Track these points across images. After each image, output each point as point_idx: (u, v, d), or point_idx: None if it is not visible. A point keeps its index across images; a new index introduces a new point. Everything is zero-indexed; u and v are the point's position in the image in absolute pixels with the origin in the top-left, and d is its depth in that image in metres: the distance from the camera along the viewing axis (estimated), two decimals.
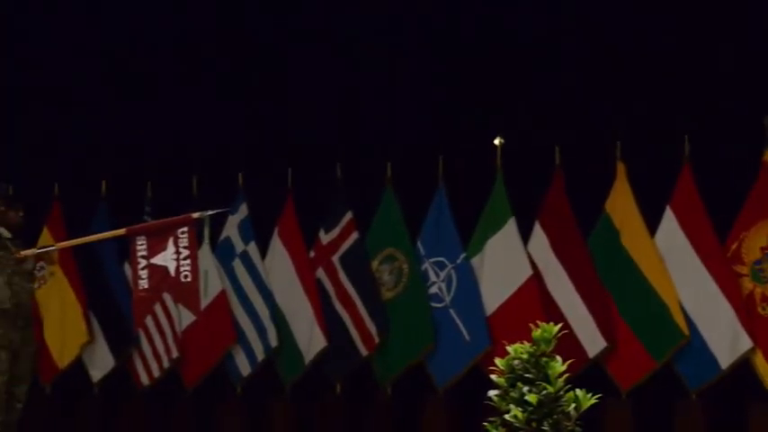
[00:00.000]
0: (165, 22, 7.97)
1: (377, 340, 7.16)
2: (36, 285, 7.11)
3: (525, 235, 6.92)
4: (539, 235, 6.91)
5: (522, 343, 3.33)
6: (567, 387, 3.21)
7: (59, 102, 8.12)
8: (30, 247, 6.46)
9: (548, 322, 3.36)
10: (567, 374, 3.25)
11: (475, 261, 7.02)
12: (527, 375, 3.24)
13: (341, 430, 7.28)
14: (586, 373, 6.35)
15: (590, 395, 3.21)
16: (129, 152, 7.94)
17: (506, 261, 6.90)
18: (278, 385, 7.47)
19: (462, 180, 7.15)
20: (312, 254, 7.50)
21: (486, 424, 3.23)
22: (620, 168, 6.78)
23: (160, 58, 8.07)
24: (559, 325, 3.35)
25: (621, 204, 6.76)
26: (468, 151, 7.18)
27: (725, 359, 6.33)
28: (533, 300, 6.72)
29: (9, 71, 8.16)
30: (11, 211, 6.29)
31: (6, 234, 6.18)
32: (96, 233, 6.89)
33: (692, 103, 6.69)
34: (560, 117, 7.06)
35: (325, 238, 7.48)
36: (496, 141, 7.02)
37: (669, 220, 6.61)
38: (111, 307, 7.73)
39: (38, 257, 6.80)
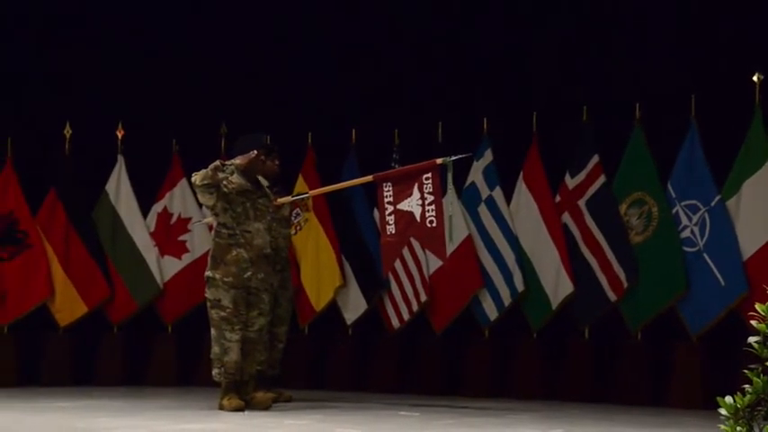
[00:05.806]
0: None
1: (626, 285, 7.04)
2: (293, 231, 7.47)
3: None
4: None
5: None
6: None
7: (310, 54, 8.39)
8: (286, 195, 6.78)
9: None
10: None
11: (730, 203, 6.74)
12: None
13: (589, 374, 7.22)
14: None
15: None
16: (377, 100, 8.10)
17: (765, 203, 6.58)
18: (525, 329, 7.49)
19: (716, 118, 6.83)
20: (558, 198, 7.43)
21: (746, 371, 3.10)
22: None
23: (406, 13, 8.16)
24: None
25: None
26: (723, 88, 6.83)
27: None
28: None
29: (264, 27, 8.51)
30: (268, 160, 6.58)
31: (265, 182, 6.47)
32: (347, 180, 7.14)
33: None
34: None
35: (571, 182, 7.38)
36: (755, 78, 6.65)
37: None
38: (363, 252, 7.98)
39: (294, 204, 7.13)
